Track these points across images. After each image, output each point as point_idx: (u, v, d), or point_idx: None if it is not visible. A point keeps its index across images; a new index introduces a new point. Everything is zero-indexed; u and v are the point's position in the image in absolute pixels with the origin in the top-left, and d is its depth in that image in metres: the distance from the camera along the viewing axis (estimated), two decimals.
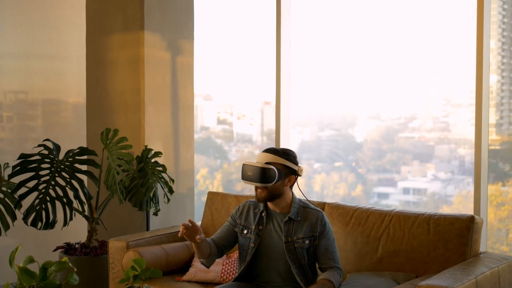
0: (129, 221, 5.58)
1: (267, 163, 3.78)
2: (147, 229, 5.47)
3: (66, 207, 4.86)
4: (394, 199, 7.62)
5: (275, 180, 3.75)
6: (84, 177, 5.32)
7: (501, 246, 5.72)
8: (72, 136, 6.02)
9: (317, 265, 4.02)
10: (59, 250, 5.23)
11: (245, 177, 3.82)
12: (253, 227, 3.88)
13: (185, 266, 4.82)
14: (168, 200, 5.37)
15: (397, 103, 7.54)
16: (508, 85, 6.26)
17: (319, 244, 3.88)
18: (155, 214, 5.34)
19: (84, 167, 5.52)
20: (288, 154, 3.84)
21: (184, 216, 5.72)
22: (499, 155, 6.88)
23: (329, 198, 4.92)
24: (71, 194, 5.02)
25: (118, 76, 5.66)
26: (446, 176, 7.70)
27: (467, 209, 6.58)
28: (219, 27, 6.67)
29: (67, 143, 5.56)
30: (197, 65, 5.90)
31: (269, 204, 3.92)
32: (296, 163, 3.87)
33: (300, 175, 3.89)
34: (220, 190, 6.80)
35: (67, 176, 4.94)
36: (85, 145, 5.82)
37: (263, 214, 3.91)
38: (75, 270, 3.14)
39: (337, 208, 4.69)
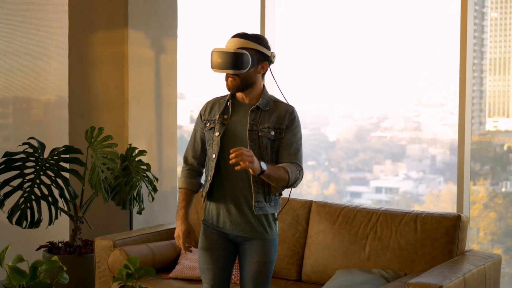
0: (112, 220, 5.56)
1: (238, 48, 3.42)
2: (131, 228, 5.45)
3: (52, 206, 4.83)
4: (367, 198, 7.69)
5: (249, 66, 3.41)
6: (68, 175, 5.28)
7: (472, 244, 5.81)
8: (47, 135, 5.94)
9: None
10: (43, 249, 5.19)
11: (215, 65, 3.42)
12: (217, 116, 3.53)
13: (172, 264, 4.83)
14: (153, 198, 5.36)
15: (370, 103, 7.60)
16: (479, 86, 6.36)
17: (283, 138, 3.50)
18: (139, 212, 5.33)
19: (68, 166, 5.48)
20: (260, 39, 3.50)
21: (167, 215, 5.72)
22: (470, 155, 6.98)
23: (302, 197, 4.98)
24: (56, 192, 4.98)
25: (102, 74, 5.63)
26: (417, 175, 7.80)
27: (439, 208, 6.69)
28: (199, 25, 6.67)
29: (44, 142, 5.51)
30: None
31: (237, 94, 3.57)
32: (268, 48, 3.53)
33: (273, 62, 3.56)
34: None
35: (52, 174, 4.90)
36: (62, 143, 5.76)
37: (228, 103, 3.55)
38: (65, 269, 3.12)
39: (324, 207, 4.73)
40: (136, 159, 5.34)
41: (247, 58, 3.39)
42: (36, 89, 6.09)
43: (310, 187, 7.94)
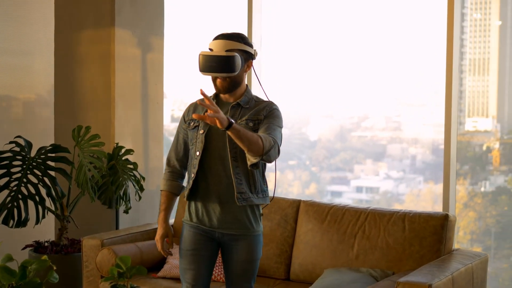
0: (98, 219, 5.54)
1: (227, 51, 3.38)
2: (117, 227, 5.44)
3: (39, 205, 4.80)
4: (347, 198, 7.73)
5: (240, 68, 3.39)
6: (54, 174, 5.25)
7: None
8: (30, 133, 5.88)
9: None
10: (28, 249, 5.15)
11: (207, 69, 3.36)
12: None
13: (160, 263, 4.82)
14: (140, 198, 5.36)
15: (351, 103, 7.64)
16: (458, 86, 6.41)
17: (262, 123, 3.45)
18: (126, 212, 5.31)
19: (56, 165, 5.44)
20: (243, 38, 3.47)
21: (153, 214, 5.71)
22: (455, 155, 7.06)
23: (284, 196, 5.03)
24: (43, 191, 4.95)
25: (88, 73, 5.61)
26: (398, 175, 7.86)
27: (419, 208, 6.74)
28: (186, 24, 6.67)
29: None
30: None
31: (221, 94, 3.55)
32: (251, 46, 3.51)
33: (255, 58, 3.54)
34: None
35: (39, 173, 4.87)
36: (46, 142, 5.72)
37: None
38: (55, 268, 3.11)
39: (312, 206, 4.75)
40: (123, 158, 5.33)
41: (238, 61, 3.37)
42: (20, 87, 6.04)
43: (291, 186, 7.96)
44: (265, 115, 3.46)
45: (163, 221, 3.62)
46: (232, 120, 3.16)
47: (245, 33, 5.40)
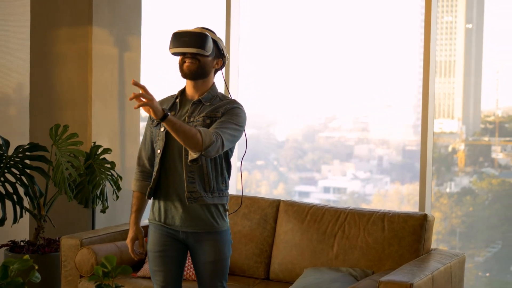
0: (74, 219, 5.50)
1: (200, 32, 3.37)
2: (93, 226, 5.41)
3: (17, 204, 4.75)
4: (315, 198, 7.79)
5: (210, 51, 3.36)
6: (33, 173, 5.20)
7: None
8: (5, 132, 5.82)
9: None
10: (4, 248, 5.10)
11: (179, 44, 3.32)
12: None
13: (139, 262, 4.81)
14: (118, 197, 5.33)
15: (319, 103, 7.70)
16: (434, 88, 6.54)
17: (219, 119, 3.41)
18: (103, 211, 5.29)
19: (33, 163, 5.39)
20: (219, 38, 3.50)
21: (129, 213, 5.68)
22: (416, 156, 7.15)
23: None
24: (21, 190, 4.90)
25: (65, 71, 5.57)
26: (365, 175, 7.94)
27: (386, 208, 6.84)
28: (164, 24, 6.66)
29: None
30: None
31: (187, 90, 3.50)
32: (224, 49, 3.51)
33: (225, 63, 3.53)
34: None
35: (17, 172, 4.82)
36: (21, 141, 5.66)
37: (177, 100, 3.51)
38: (37, 267, 3.08)
39: (292, 206, 4.79)
40: (100, 157, 5.30)
41: (210, 42, 3.36)
42: None
43: (259, 187, 7.99)
44: (223, 113, 3.41)
45: (133, 223, 3.60)
46: (168, 113, 3.10)
47: (223, 33, 5.45)
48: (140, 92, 3.04)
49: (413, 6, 6.88)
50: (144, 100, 3.03)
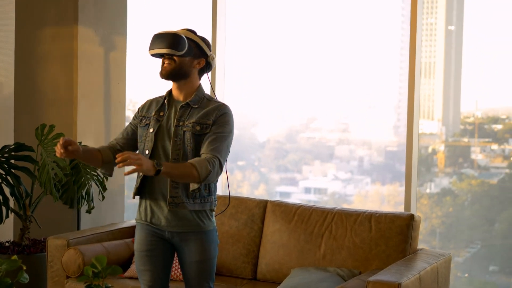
0: (59, 219, 5.47)
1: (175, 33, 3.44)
2: (78, 227, 5.38)
3: (2, 205, 4.72)
4: (296, 198, 7.79)
5: (185, 50, 3.40)
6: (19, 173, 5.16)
7: None
8: None
9: None
10: None
11: (154, 45, 3.40)
12: (153, 113, 3.52)
13: (127, 263, 4.80)
14: (103, 197, 5.32)
15: (299, 104, 7.71)
16: (406, 89, 6.56)
17: (210, 129, 3.43)
18: (89, 212, 5.27)
19: (18, 163, 5.34)
20: (203, 38, 3.53)
21: (114, 214, 5.68)
22: (396, 156, 7.22)
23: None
24: (7, 191, 4.87)
25: (50, 71, 5.54)
26: (346, 176, 7.97)
27: (366, 208, 6.86)
28: (150, 24, 6.65)
29: None
30: None
31: (173, 91, 3.54)
32: (209, 49, 3.54)
33: (211, 64, 3.56)
34: None
35: (3, 172, 4.79)
36: (4, 141, 5.62)
37: (165, 101, 3.54)
38: (25, 268, 3.07)
39: (279, 206, 4.81)
40: None
41: (183, 42, 3.39)
42: None
43: (240, 187, 7.99)
44: (214, 120, 3.44)
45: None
46: (159, 167, 3.16)
47: (210, 34, 5.45)
48: (126, 156, 3.06)
49: (393, 8, 6.93)
50: (134, 166, 3.08)
